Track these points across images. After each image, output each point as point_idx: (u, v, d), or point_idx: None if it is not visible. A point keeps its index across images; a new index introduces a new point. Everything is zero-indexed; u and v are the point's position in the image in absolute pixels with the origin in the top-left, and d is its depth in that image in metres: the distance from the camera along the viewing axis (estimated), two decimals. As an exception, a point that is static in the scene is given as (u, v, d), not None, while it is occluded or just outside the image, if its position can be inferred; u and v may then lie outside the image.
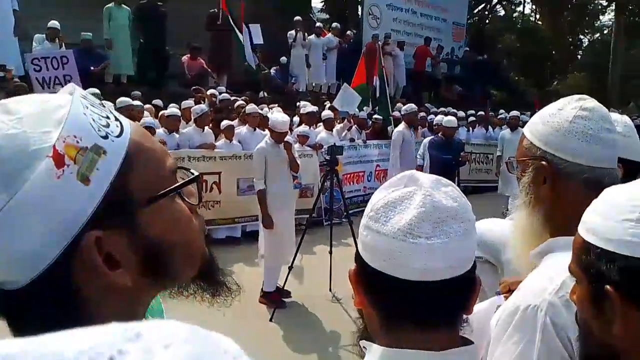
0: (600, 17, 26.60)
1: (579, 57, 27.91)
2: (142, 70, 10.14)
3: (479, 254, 1.74)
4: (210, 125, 7.30)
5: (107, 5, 9.52)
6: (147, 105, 7.86)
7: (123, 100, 6.94)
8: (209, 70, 10.80)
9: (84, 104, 0.58)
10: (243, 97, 9.20)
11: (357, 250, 0.85)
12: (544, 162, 1.12)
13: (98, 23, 9.56)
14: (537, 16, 26.66)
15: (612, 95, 21.04)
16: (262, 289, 5.19)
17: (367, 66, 9.73)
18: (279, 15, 13.06)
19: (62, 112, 0.56)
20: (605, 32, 27.10)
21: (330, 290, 5.34)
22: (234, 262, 6.27)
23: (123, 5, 9.64)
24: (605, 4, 24.16)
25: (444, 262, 0.76)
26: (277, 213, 5.05)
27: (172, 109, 7.20)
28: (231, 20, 10.23)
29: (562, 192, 1.11)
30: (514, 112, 9.45)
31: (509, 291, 1.46)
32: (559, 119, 1.12)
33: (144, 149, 0.62)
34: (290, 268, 5.04)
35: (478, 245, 1.82)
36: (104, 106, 0.63)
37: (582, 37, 28.53)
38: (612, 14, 23.34)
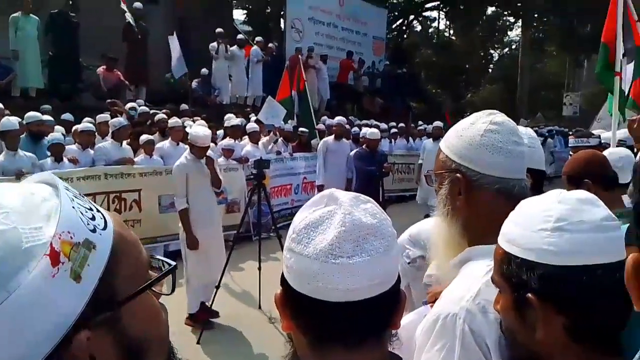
0: (509, 32, 28.58)
1: (490, 70, 29.69)
2: (53, 83, 9.56)
3: (423, 253, 1.77)
4: (129, 140, 6.96)
5: (12, 15, 8.87)
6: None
7: (32, 115, 6.51)
8: (126, 82, 10.36)
9: (70, 196, 0.58)
10: (164, 110, 8.87)
11: (282, 273, 0.82)
12: (458, 175, 1.15)
13: (2, 32, 8.91)
14: (451, 32, 28.13)
15: (521, 106, 22.55)
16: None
17: (290, 79, 9.75)
18: (200, 27, 12.83)
19: (48, 205, 0.56)
20: (514, 47, 29.10)
21: (259, 307, 5.22)
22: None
23: (31, 15, 9.03)
24: (512, 20, 25.94)
25: (367, 280, 0.75)
26: (202, 231, 4.81)
27: (86, 124, 6.81)
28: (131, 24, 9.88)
29: (477, 203, 1.15)
30: (437, 123, 9.82)
31: (435, 300, 1.47)
32: (471, 133, 1.16)
33: (125, 241, 0.62)
34: (217, 287, 4.87)
35: (422, 246, 1.82)
36: (83, 196, 0.62)
37: (492, 51, 30.44)
38: (519, 30, 25.10)
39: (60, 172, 5.79)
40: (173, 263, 0.69)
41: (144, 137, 6.76)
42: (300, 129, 9.48)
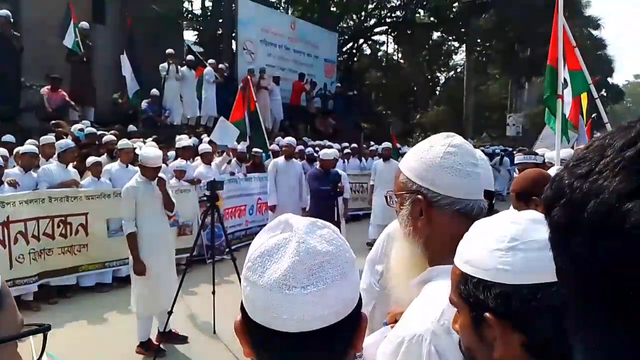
0: (454, 56, 29.66)
1: (437, 92, 30.66)
2: (-8, 104, 9.09)
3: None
4: (75, 162, 6.69)
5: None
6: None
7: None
8: (72, 102, 10.01)
9: None
10: (112, 131, 8.62)
11: (242, 300, 0.80)
12: (419, 196, 1.17)
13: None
14: (399, 55, 28.91)
15: (467, 127, 23.37)
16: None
17: (243, 100, 9.72)
18: (150, 47, 12.63)
19: None
20: (459, 70, 30.21)
21: (214, 332, 5.07)
22: (106, 309, 5.73)
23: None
24: (457, 45, 27.00)
25: (323, 310, 0.74)
26: (152, 257, 4.60)
27: (29, 146, 6.49)
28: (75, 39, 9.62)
29: (437, 223, 1.17)
30: (387, 144, 9.93)
31: (395, 321, 1.47)
32: (431, 156, 1.18)
33: (9, 294, 0.67)
34: (170, 313, 4.70)
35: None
36: None
37: (439, 74, 31.46)
38: (464, 54, 26.16)
39: (0, 196, 5.50)
40: (46, 325, 0.73)
41: (91, 159, 6.52)
42: (254, 149, 9.43)
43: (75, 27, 10.17)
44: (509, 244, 0.83)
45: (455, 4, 21.80)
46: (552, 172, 2.46)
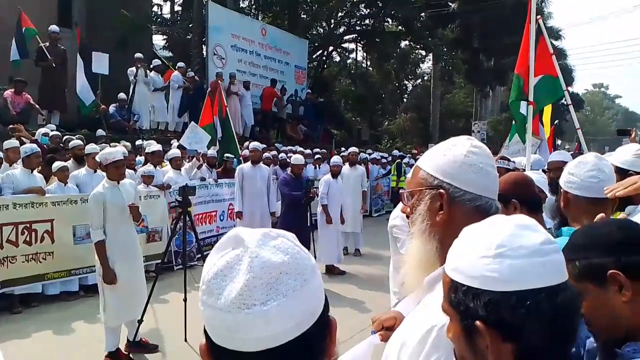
0: (421, 65, 30.16)
1: (405, 100, 31.09)
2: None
3: None
4: (40, 167, 6.50)
5: None
6: None
7: None
8: (37, 106, 9.73)
9: None
10: (78, 136, 8.42)
11: (204, 323, 0.78)
12: (441, 190, 1.19)
13: None
14: (368, 63, 29.19)
15: (434, 133, 23.77)
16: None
17: (212, 105, 9.66)
18: (118, 51, 12.43)
19: None
20: (426, 78, 30.73)
21: (185, 340, 4.99)
22: (72, 318, 5.58)
23: None
24: (424, 54, 27.47)
25: (287, 322, 0.71)
26: (121, 265, 4.48)
27: (-10, 150, 6.29)
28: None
29: (457, 218, 1.18)
30: (353, 149, 9.94)
31: (382, 328, 1.47)
32: (455, 152, 1.22)
33: None
34: (140, 321, 4.61)
35: None
36: None
37: (406, 82, 31.92)
38: (430, 63, 26.64)
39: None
40: None
41: (57, 164, 6.35)
42: (226, 154, 9.37)
43: (29, 32, 9.93)
44: (496, 251, 0.82)
45: (423, 14, 22.20)
46: (532, 176, 2.52)
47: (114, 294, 4.48)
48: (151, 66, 12.47)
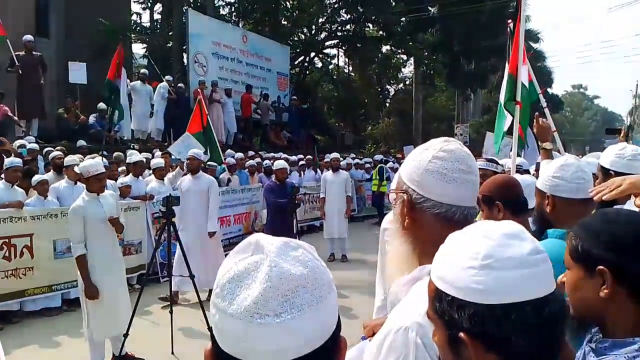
0: (403, 69, 30.36)
1: (387, 104, 31.25)
2: None
3: None
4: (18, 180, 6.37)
5: None
6: None
7: None
8: (15, 117, 9.57)
9: None
10: (58, 147, 8.28)
11: (212, 327, 0.75)
12: (405, 195, 1.20)
13: None
14: (350, 68, 29.31)
15: (416, 137, 23.90)
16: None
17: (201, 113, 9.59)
18: (98, 60, 12.29)
19: None
20: (407, 82, 30.93)
21: (172, 353, 4.91)
22: (55, 334, 5.46)
23: None
24: (405, 58, 27.64)
25: (298, 339, 0.69)
26: (104, 278, 4.40)
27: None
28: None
29: (420, 224, 1.19)
30: (335, 154, 9.93)
31: (374, 334, 1.47)
32: (421, 158, 1.20)
33: None
34: (125, 335, 4.52)
35: None
36: None
37: (388, 87, 32.09)
38: (412, 67, 26.80)
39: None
40: None
41: (36, 178, 6.22)
42: (209, 162, 9.29)
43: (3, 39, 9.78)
44: (482, 262, 0.80)
45: (403, 19, 22.37)
46: (518, 178, 2.53)
47: (98, 309, 4.40)
48: (135, 75, 12.36)
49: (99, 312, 4.40)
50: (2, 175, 6.14)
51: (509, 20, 4.68)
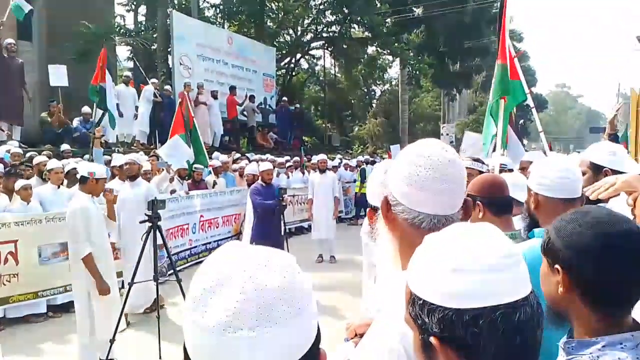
0: (388, 70, 30.50)
1: (374, 105, 31.37)
2: None
3: None
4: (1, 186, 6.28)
5: None
6: None
7: None
8: (-3, 122, 9.44)
9: None
10: (44, 152, 8.16)
11: (184, 340, 0.72)
12: (383, 197, 1.21)
13: None
14: (336, 69, 29.37)
15: (403, 137, 24.02)
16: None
17: (183, 116, 9.53)
18: (80, 63, 12.16)
19: None
20: (394, 83, 31.08)
21: (160, 358, 4.86)
22: (41, 340, 5.37)
23: None
24: (391, 59, 27.77)
25: (272, 353, 0.65)
26: (108, 277, 4.57)
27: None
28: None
29: (395, 226, 1.19)
30: (322, 156, 9.92)
31: (356, 335, 1.46)
32: (399, 161, 1.19)
33: None
34: (112, 340, 4.47)
35: None
36: None
37: (375, 87, 32.23)
38: (398, 68, 26.94)
39: None
40: None
41: (20, 182, 6.13)
42: (195, 165, 9.23)
43: None
44: (453, 265, 0.79)
45: (388, 20, 22.47)
46: (506, 177, 2.53)
47: (103, 307, 4.50)
48: (120, 77, 12.24)
49: (104, 310, 4.50)
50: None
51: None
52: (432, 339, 0.79)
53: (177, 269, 5.53)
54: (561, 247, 1.08)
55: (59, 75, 9.80)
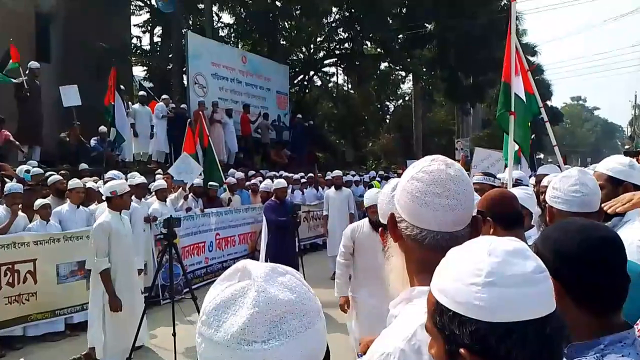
0: (401, 85, 30.58)
1: (387, 120, 31.39)
2: None
3: None
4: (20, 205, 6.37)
5: None
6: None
7: None
8: (17, 142, 9.62)
9: None
10: (62, 171, 8.31)
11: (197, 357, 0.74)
12: (390, 213, 1.21)
13: None
14: (349, 85, 29.53)
15: (417, 152, 23.94)
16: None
17: (194, 134, 9.66)
18: (96, 83, 12.40)
19: None
20: (407, 98, 31.11)
21: (176, 376, 4.87)
22: (59, 358, 5.40)
23: None
24: (404, 74, 27.87)
25: None
26: (123, 294, 4.66)
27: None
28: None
29: (401, 242, 1.19)
30: (337, 172, 9.92)
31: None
32: (404, 177, 1.20)
33: None
34: (129, 358, 4.50)
35: None
36: None
37: (388, 103, 32.28)
38: (411, 83, 26.99)
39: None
40: None
41: (39, 202, 6.23)
42: (210, 182, 9.31)
43: (13, 65, 9.91)
44: (486, 279, 0.79)
45: (400, 36, 22.58)
46: (516, 192, 2.51)
47: (114, 323, 4.64)
48: (135, 97, 12.45)
49: (116, 324, 4.64)
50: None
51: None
52: (461, 351, 0.80)
53: (193, 287, 5.55)
54: (549, 256, 1.11)
55: (70, 96, 9.93)
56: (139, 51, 19.52)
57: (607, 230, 1.22)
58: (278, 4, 20.65)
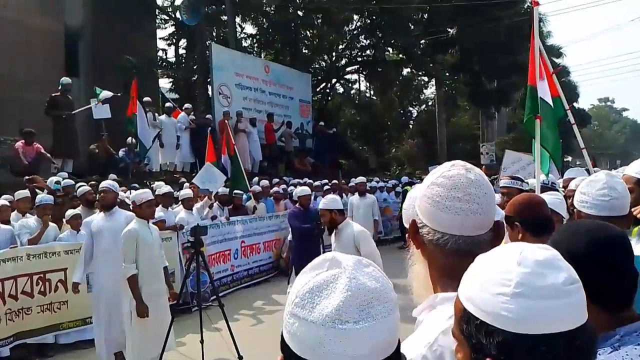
0: (424, 90, 30.39)
1: (410, 126, 31.21)
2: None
3: None
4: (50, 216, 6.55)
5: None
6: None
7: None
8: (49, 155, 9.90)
9: None
10: (91, 182, 8.51)
11: (282, 339, 0.80)
12: (412, 219, 1.22)
13: None
14: (372, 92, 29.48)
15: (440, 158, 23.71)
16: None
17: (217, 144, 9.79)
18: (123, 96, 12.70)
19: None
20: (430, 103, 30.90)
21: (205, 383, 4.91)
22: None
23: None
24: (426, 79, 27.72)
25: (373, 345, 0.75)
26: (150, 300, 4.74)
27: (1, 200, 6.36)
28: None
29: (424, 249, 1.20)
30: (361, 178, 9.91)
31: None
32: (425, 182, 1.21)
33: None
34: (158, 366, 4.56)
35: None
36: None
37: (411, 108, 32.11)
38: (433, 88, 26.82)
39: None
40: None
41: (70, 212, 6.39)
42: (235, 190, 9.40)
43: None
44: (515, 290, 0.78)
45: (422, 41, 22.49)
46: (545, 197, 2.47)
47: (141, 330, 4.70)
48: (161, 109, 12.67)
49: (143, 331, 4.70)
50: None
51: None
52: None
53: (220, 294, 5.60)
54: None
55: (100, 109, 10.21)
56: (164, 64, 19.87)
57: (614, 230, 1.27)
58: (300, 13, 20.82)
